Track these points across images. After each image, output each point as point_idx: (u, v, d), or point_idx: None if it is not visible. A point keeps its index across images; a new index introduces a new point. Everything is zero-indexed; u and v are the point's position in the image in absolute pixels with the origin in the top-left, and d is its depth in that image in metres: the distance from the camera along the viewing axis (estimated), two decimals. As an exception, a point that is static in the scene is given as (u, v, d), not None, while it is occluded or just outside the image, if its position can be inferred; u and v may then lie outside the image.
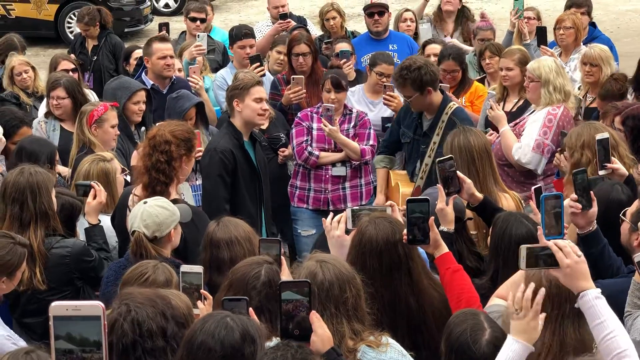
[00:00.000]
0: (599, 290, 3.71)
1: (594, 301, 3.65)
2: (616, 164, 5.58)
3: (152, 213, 4.97)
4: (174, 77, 8.22)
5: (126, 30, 16.72)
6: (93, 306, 2.92)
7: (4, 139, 6.80)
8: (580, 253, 3.76)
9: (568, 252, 3.72)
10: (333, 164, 7.63)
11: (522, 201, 5.98)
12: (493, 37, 9.41)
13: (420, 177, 7.02)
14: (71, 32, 16.92)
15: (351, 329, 3.82)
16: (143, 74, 8.28)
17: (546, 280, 3.84)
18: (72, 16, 16.95)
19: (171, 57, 8.14)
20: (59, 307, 3.04)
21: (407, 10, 10.20)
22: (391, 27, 9.82)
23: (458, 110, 7.08)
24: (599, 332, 3.64)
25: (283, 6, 10.27)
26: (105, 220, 5.85)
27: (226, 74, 8.63)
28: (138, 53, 9.21)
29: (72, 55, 9.74)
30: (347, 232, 4.60)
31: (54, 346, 2.95)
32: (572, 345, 3.79)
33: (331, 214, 4.73)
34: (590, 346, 3.81)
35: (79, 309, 2.90)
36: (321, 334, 3.55)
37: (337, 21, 9.90)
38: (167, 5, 19.46)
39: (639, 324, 4.09)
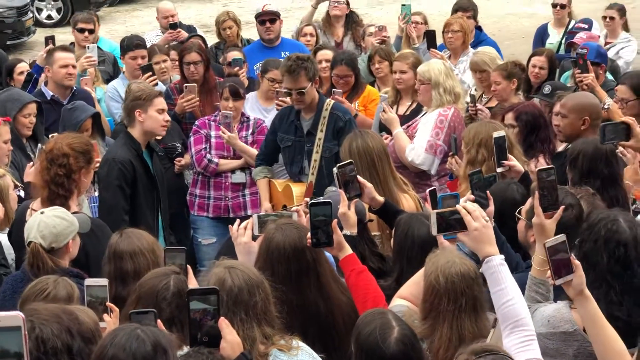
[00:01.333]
0: (503, 257, 3.84)
1: (498, 267, 3.78)
2: (513, 161, 5.75)
3: (49, 223, 4.89)
4: (75, 88, 8.14)
5: (8, 42, 16.35)
6: (13, 317, 2.83)
7: None
8: (487, 218, 3.90)
9: (477, 216, 3.85)
10: (232, 171, 7.68)
11: (421, 201, 6.10)
12: (383, 30, 9.45)
13: (311, 174, 7.14)
14: (-50, 46, 16.48)
15: (262, 333, 3.84)
16: (42, 84, 8.16)
17: (442, 276, 3.96)
18: (-49, 30, 16.54)
19: (73, 66, 8.07)
20: None
21: (307, 24, 10.24)
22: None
23: (336, 105, 7.28)
24: (499, 298, 3.76)
25: (173, 16, 10.27)
26: (1, 237, 5.72)
27: (118, 85, 8.55)
28: (22, 67, 9.03)
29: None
30: (254, 238, 4.62)
31: None
32: (471, 338, 3.88)
33: (238, 221, 4.75)
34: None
35: None
36: (230, 339, 3.56)
37: (233, 30, 9.97)
38: (49, 17, 19.10)
39: (538, 317, 4.21)
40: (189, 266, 4.55)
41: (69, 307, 3.72)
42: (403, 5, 9.84)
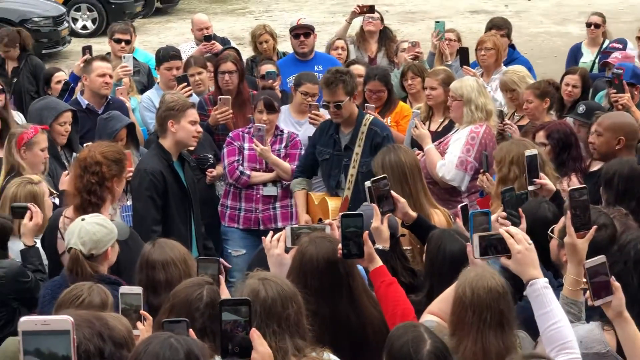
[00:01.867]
0: (547, 280, 3.85)
1: (542, 290, 3.79)
2: (544, 179, 5.74)
3: (89, 230, 4.95)
4: (110, 97, 8.22)
5: (44, 51, 16.49)
6: (62, 320, 2.89)
7: None
8: (530, 241, 3.91)
9: (519, 239, 3.87)
10: (264, 184, 7.70)
11: (451, 216, 6.11)
12: (416, 46, 9.47)
13: (347, 188, 7.17)
14: (-13, 55, 16.65)
15: (294, 345, 3.84)
16: (78, 93, 8.24)
17: (469, 289, 3.96)
18: (-12, 38, 16.70)
19: (110, 76, 8.16)
20: (28, 322, 2.98)
21: (339, 38, 10.27)
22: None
23: (375, 120, 7.32)
24: (544, 321, 3.76)
25: (207, 28, 10.34)
26: (38, 243, 5.79)
27: (152, 96, 8.61)
28: (59, 76, 9.13)
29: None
30: (286, 250, 4.64)
31: None
32: (495, 353, 3.88)
33: (271, 233, 4.78)
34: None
35: (48, 324, 2.87)
36: (262, 351, 3.58)
37: (270, 44, 10.01)
38: (84, 27, 19.31)
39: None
40: (221, 276, 4.58)
41: (100, 313, 3.78)
42: (437, 22, 9.87)
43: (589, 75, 9.07)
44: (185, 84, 8.40)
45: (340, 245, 4.41)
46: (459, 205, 5.92)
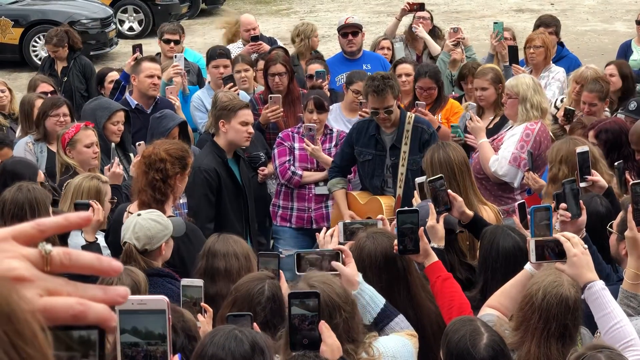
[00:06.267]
0: (604, 282, 3.84)
1: (601, 292, 3.78)
2: (596, 176, 5.72)
3: (144, 226, 5.01)
4: (158, 97, 8.29)
5: (92, 53, 16.67)
6: (158, 300, 2.91)
7: None
8: (585, 246, 3.90)
9: (575, 242, 3.86)
10: (316, 183, 7.70)
11: (500, 213, 6.10)
12: (458, 32, 9.46)
13: (399, 187, 7.13)
14: (36, 56, 16.89)
15: (344, 350, 3.84)
16: (127, 93, 8.32)
17: (542, 292, 3.94)
18: (37, 40, 16.94)
19: (158, 77, 8.22)
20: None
21: (384, 38, 10.26)
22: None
23: (418, 118, 7.28)
24: (605, 322, 3.75)
25: (254, 29, 10.38)
26: (100, 238, 5.88)
27: (203, 95, 8.66)
28: (112, 76, 9.23)
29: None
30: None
31: (119, 340, 2.95)
32: (557, 361, 3.89)
33: (324, 228, 4.81)
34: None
35: (145, 303, 2.88)
36: (331, 343, 3.61)
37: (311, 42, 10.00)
38: (131, 29, 19.51)
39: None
40: (281, 272, 4.62)
41: (176, 306, 3.85)
42: (495, 22, 9.75)
43: (636, 73, 8.99)
44: (232, 83, 8.45)
45: (395, 241, 4.43)
46: (516, 203, 5.91)
